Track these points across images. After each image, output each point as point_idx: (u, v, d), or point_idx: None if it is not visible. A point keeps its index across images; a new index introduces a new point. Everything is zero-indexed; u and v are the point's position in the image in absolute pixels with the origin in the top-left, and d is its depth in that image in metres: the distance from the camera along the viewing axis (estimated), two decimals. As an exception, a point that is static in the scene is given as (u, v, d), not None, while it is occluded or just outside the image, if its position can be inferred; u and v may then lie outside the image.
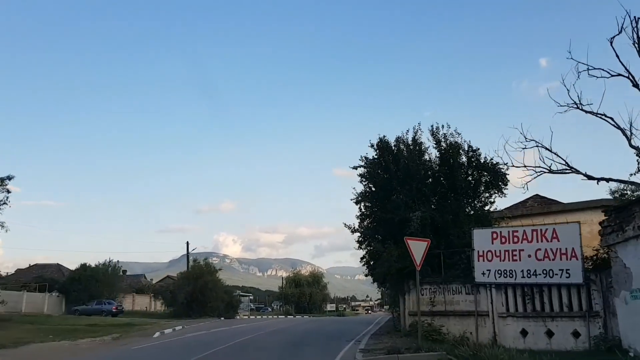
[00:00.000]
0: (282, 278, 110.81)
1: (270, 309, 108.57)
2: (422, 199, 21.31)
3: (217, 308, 52.33)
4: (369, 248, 23.49)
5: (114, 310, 49.31)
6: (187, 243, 56.18)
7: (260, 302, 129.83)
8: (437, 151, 22.27)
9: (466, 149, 21.71)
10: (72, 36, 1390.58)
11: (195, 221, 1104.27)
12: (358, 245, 23.79)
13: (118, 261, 63.42)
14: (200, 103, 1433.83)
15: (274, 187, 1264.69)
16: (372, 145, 23.06)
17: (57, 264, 67.39)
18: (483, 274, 18.21)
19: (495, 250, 18.09)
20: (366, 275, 25.72)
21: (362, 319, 56.60)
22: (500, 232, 18.22)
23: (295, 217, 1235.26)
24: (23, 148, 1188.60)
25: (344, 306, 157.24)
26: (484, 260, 18.25)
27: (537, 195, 32.51)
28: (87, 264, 56.12)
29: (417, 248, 15.25)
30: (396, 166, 21.86)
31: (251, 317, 66.04)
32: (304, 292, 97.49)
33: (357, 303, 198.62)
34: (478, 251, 18.37)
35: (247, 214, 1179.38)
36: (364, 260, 23.98)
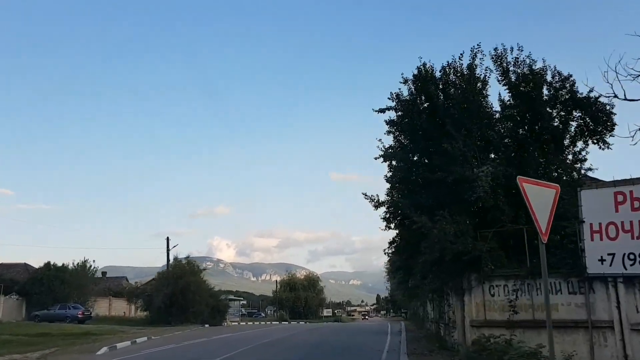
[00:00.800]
0: (276, 282, 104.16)
1: (263, 315, 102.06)
2: (488, 149, 14.43)
3: (201, 313, 45.17)
4: (400, 228, 16.48)
5: (79, 316, 42.33)
6: (167, 239, 49.07)
7: (254, 307, 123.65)
8: (504, 85, 15.35)
9: (549, 79, 14.76)
10: (66, 38, 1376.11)
11: (190, 225, 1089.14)
12: (385, 224, 16.84)
13: (94, 261, 56.70)
14: (197, 107, 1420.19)
15: (269, 191, 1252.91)
16: (405, 81, 16.09)
17: (24, 263, 59.85)
18: (601, 260, 11.30)
19: (622, 222, 11.19)
20: (395, 270, 18.79)
21: (367, 327, 49.44)
22: (631, 191, 11.26)
23: (291, 221, 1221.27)
24: (19, 151, 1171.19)
25: (341, 311, 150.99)
26: (601, 239, 11.35)
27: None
28: (53, 263, 48.92)
29: (540, 199, 8.08)
30: (447, 102, 14.93)
31: (242, 323, 59.04)
32: (299, 297, 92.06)
33: (352, 308, 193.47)
34: (591, 224, 11.47)
35: (242, 218, 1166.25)
36: (394, 246, 16.99)
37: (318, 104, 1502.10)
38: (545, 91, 14.73)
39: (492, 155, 15.08)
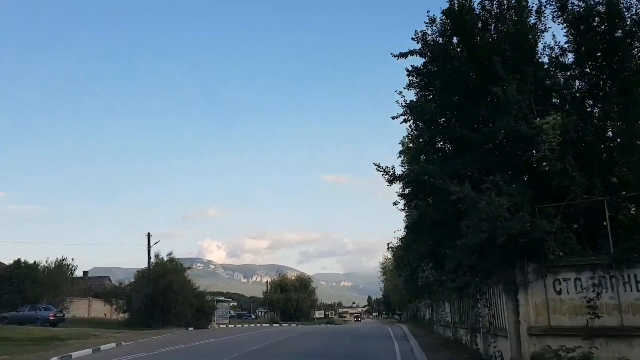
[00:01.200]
0: (267, 282, 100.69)
1: (253, 316, 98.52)
2: (549, 100, 11.07)
3: (185, 315, 41.54)
4: (425, 206, 12.99)
5: (51, 318, 38.50)
6: (148, 235, 45.20)
7: (245, 309, 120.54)
8: (562, 22, 11.97)
9: (625, 13, 11.32)
10: (62, 40, 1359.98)
11: (181, 226, 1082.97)
12: (404, 203, 13.43)
13: (73, 259, 52.94)
14: (189, 108, 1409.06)
15: (260, 193, 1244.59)
16: (432, 20, 12.65)
17: (-2, 261, 56.04)
18: None
19: None
20: (402, 267, 15.36)
21: (363, 330, 45.98)
22: None
23: (282, 223, 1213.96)
24: (13, 152, 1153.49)
25: (332, 313, 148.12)
26: None
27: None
28: (24, 260, 45.10)
29: None
30: (493, 38, 11.56)
31: (230, 326, 55.56)
32: (290, 298, 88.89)
33: (344, 310, 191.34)
34: None
35: (233, 219, 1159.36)
36: (416, 230, 13.56)
37: (311, 105, 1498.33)
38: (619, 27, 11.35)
39: (567, 101, 11.57)
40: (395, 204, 28.86)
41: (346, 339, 28.01)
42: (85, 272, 72.87)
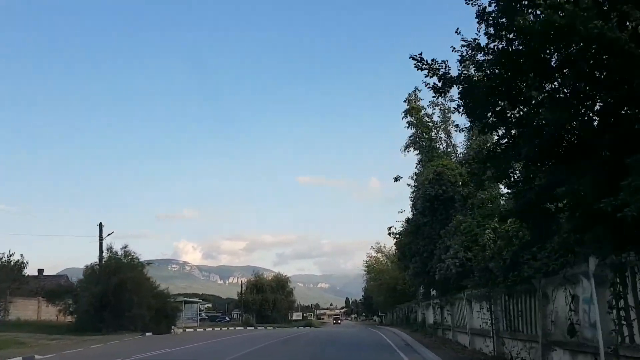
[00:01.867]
0: (242, 283, 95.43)
1: (227, 318, 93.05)
2: None
3: (142, 318, 35.42)
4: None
5: (-19, 321, 32.40)
6: (100, 225, 38.96)
7: (220, 310, 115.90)
8: None
9: None
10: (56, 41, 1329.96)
11: (156, 227, 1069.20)
12: (470, 120, 7.71)
13: (22, 255, 47.30)
14: (167, 109, 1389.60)
15: (237, 194, 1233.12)
16: None
17: None
18: None
19: None
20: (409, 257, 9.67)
21: (350, 335, 40.24)
22: None
23: (258, 224, 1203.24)
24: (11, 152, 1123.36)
25: (311, 315, 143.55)
26: None
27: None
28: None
29: None
30: None
31: (198, 329, 49.48)
32: (267, 299, 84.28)
33: (321, 311, 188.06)
34: None
35: (209, 220, 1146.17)
36: (499, 164, 7.92)
37: (290, 107, 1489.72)
38: None
39: None
40: (396, 179, 23.36)
41: (336, 348, 22.41)
42: (40, 270, 66.21)
